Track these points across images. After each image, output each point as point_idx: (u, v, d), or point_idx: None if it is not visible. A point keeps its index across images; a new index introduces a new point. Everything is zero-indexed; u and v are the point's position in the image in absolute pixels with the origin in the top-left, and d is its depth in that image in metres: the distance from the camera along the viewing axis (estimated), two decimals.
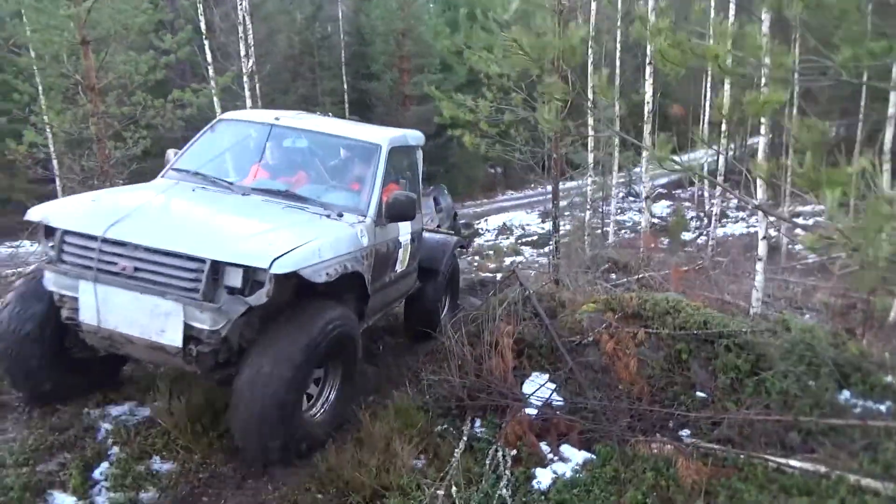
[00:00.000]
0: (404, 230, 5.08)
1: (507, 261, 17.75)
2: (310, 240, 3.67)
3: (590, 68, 12.12)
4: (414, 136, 5.73)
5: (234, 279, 3.40)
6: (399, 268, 5.15)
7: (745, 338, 4.76)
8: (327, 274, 3.68)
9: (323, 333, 3.65)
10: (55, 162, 14.46)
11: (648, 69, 8.43)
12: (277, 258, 3.34)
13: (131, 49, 8.97)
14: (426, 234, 6.20)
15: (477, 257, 20.72)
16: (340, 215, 4.29)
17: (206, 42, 14.24)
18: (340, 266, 3.85)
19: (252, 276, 3.40)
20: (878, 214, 1.37)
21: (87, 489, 3.54)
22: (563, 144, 7.51)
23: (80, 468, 3.63)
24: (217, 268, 3.38)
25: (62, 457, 3.73)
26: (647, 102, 9.54)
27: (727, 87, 10.72)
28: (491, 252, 20.97)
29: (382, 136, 5.01)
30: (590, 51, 12.80)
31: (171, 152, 5.06)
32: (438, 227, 18.89)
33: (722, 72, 1.71)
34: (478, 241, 25.37)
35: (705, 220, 22.67)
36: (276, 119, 5.00)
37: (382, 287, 4.89)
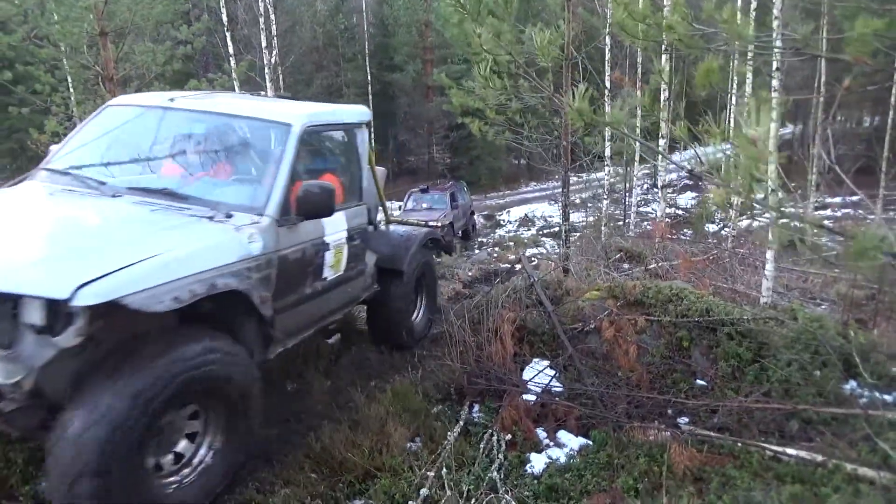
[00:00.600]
0: (334, 228, 4.31)
1: (528, 252, 17.71)
2: (149, 255, 2.88)
3: (607, 55, 11.98)
4: (351, 113, 4.89)
5: (34, 315, 2.61)
6: (330, 273, 4.34)
7: (748, 326, 4.71)
8: (175, 299, 2.85)
9: (168, 377, 2.80)
10: None
11: (664, 57, 8.33)
12: (84, 285, 2.55)
13: (150, 40, 9.13)
14: (389, 228, 5.64)
15: (497, 248, 20.71)
16: (229, 216, 3.53)
17: (227, 34, 14.39)
18: (202, 285, 3.03)
19: (61, 310, 2.58)
20: (747, 155, 1.41)
21: None
22: (574, 133, 7.46)
23: None
24: (14, 302, 2.63)
25: None
26: (663, 90, 9.43)
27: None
28: (511, 243, 20.91)
29: (295, 113, 4.16)
30: (607, 38, 12.65)
31: (54, 148, 4.41)
32: (451, 224, 18.69)
33: (681, 44, 1.70)
34: (499, 231, 25.35)
35: (731, 212, 22.33)
36: (171, 101, 4.29)
37: (302, 300, 4.05)
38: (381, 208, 5.46)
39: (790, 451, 3.81)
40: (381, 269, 5.17)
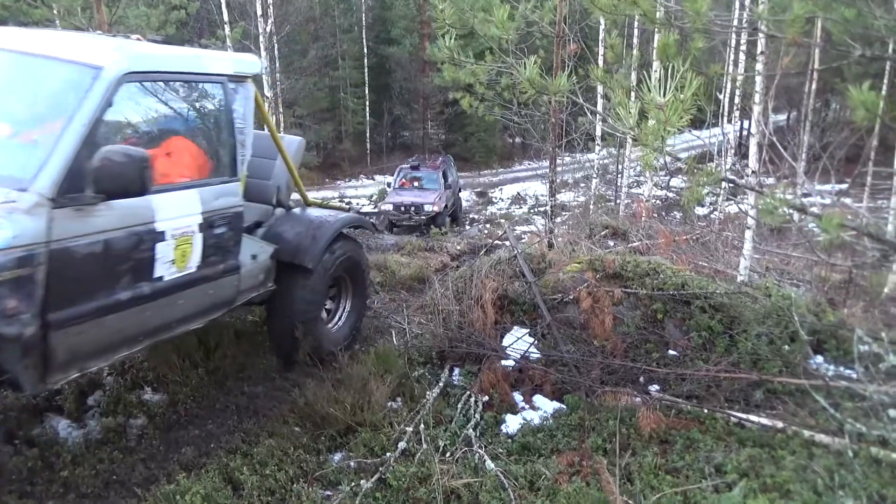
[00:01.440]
0: (175, 211, 3.35)
1: (518, 229, 17.86)
2: None
3: (601, 33, 11.98)
4: (224, 61, 3.83)
5: None
6: (170, 271, 3.34)
7: (722, 300, 4.88)
8: None
9: None
10: None
11: (657, 35, 8.38)
12: None
13: (144, 4, 9.12)
14: (297, 212, 4.71)
15: (488, 225, 20.86)
16: None
17: (222, 0, 14.31)
18: None
19: None
20: (654, 115, 1.57)
21: (82, 413, 3.81)
22: (563, 110, 7.56)
23: (76, 394, 3.89)
24: None
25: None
26: (655, 70, 9.45)
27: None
28: (502, 220, 21.04)
29: (114, 53, 3.16)
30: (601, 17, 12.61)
31: None
32: (446, 207, 17.87)
33: (646, 19, 1.82)
34: (491, 209, 25.45)
35: (721, 195, 22.48)
36: None
37: (110, 309, 3.04)
38: (293, 187, 4.77)
39: (753, 417, 3.99)
40: (281, 264, 4.29)
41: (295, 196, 4.97)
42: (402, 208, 17.18)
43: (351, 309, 5.11)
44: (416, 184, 18.64)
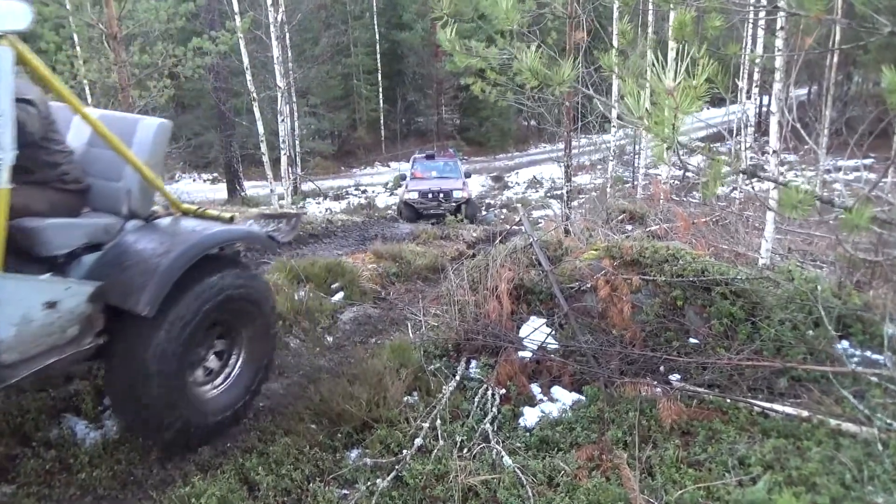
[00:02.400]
0: None
1: (534, 214, 17.71)
2: None
3: (615, 13, 11.75)
4: None
5: None
6: None
7: (743, 286, 4.76)
8: None
9: None
10: None
11: (673, 13, 8.14)
12: None
13: None
14: (160, 225, 3.51)
15: (504, 210, 20.75)
16: None
17: None
18: None
19: None
20: (663, 101, 1.49)
21: (99, 414, 3.80)
22: (575, 94, 7.41)
23: (93, 395, 3.89)
24: None
25: (76, 384, 3.99)
26: (672, 49, 9.28)
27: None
28: (518, 205, 20.92)
29: None
30: None
31: None
32: (470, 197, 16.60)
33: (662, 0, 1.73)
34: (507, 193, 25.30)
35: (741, 175, 22.11)
36: None
37: None
38: (151, 189, 3.50)
39: (777, 407, 3.90)
40: (110, 308, 3.08)
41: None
42: (430, 195, 16.16)
43: (245, 364, 3.72)
44: (433, 174, 17.75)
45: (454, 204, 16.04)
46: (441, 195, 16.17)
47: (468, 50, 6.33)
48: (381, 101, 32.89)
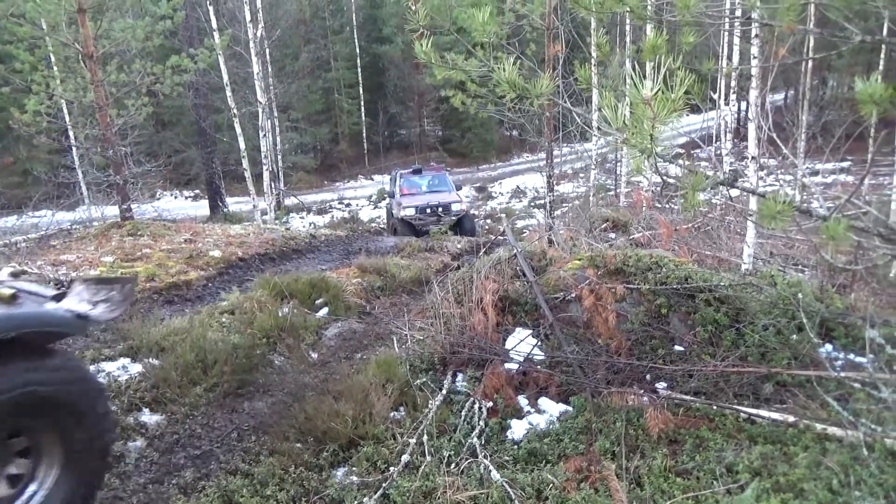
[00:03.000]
0: None
1: (519, 223, 17.77)
2: None
3: (593, 24, 11.86)
4: None
5: None
6: None
7: (726, 292, 4.79)
8: None
9: None
10: (71, 132, 14.70)
11: (649, 25, 8.24)
12: None
13: (130, 16, 9.01)
14: None
15: (489, 220, 20.79)
16: None
17: (210, 7, 14.21)
18: None
19: None
20: (640, 112, 1.49)
21: None
22: (555, 105, 7.44)
23: None
24: None
25: None
26: (650, 59, 9.33)
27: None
28: (503, 215, 20.97)
29: None
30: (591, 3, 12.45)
31: None
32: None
33: (633, 15, 1.73)
34: (491, 203, 25.37)
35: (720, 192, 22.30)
36: None
37: None
38: None
39: (764, 413, 3.90)
40: None
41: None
42: (429, 210, 15.18)
43: (56, 487, 2.73)
44: (423, 188, 16.84)
45: (454, 218, 15.19)
46: (440, 209, 15.25)
47: (447, 62, 6.36)
48: (362, 115, 32.92)
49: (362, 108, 32.84)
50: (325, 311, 6.22)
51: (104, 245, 7.98)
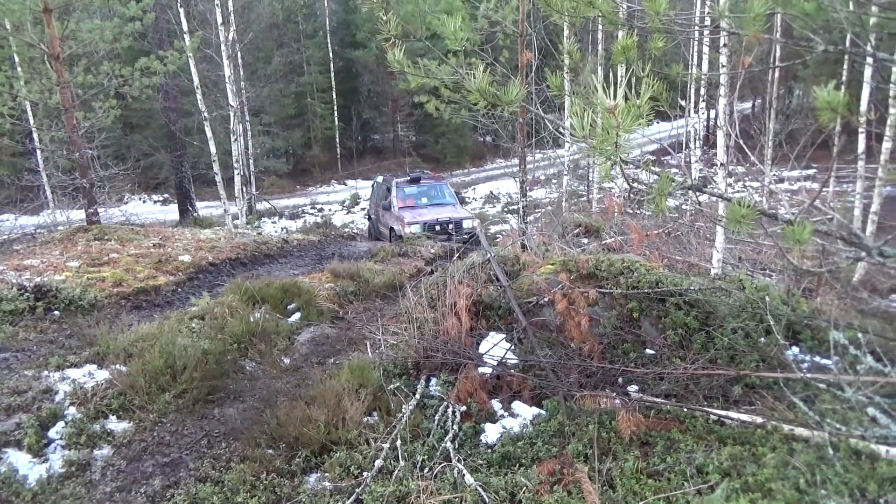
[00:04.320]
0: None
1: (493, 229, 17.82)
2: None
3: (565, 31, 11.99)
4: None
5: None
6: None
7: (696, 296, 4.86)
8: None
9: None
10: (35, 134, 14.36)
11: (621, 32, 8.34)
12: None
13: (98, 17, 8.86)
14: None
15: None
16: None
17: (181, 9, 14.03)
18: None
19: None
20: (605, 119, 1.52)
21: (43, 447, 3.64)
22: (528, 111, 7.50)
23: (36, 427, 3.72)
24: None
25: (18, 417, 3.81)
26: (622, 65, 9.47)
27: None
28: (476, 221, 21.00)
29: None
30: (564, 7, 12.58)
31: None
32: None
33: (605, 21, 1.76)
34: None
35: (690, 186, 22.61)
36: None
37: None
38: None
39: (733, 414, 3.96)
40: None
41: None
42: (438, 227, 13.26)
43: None
44: (424, 200, 14.69)
45: (466, 236, 12.86)
46: (451, 226, 13.27)
47: (420, 69, 6.36)
48: (335, 119, 32.75)
49: (335, 113, 32.67)
50: (297, 316, 6.16)
51: (70, 250, 7.81)
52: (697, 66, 13.72)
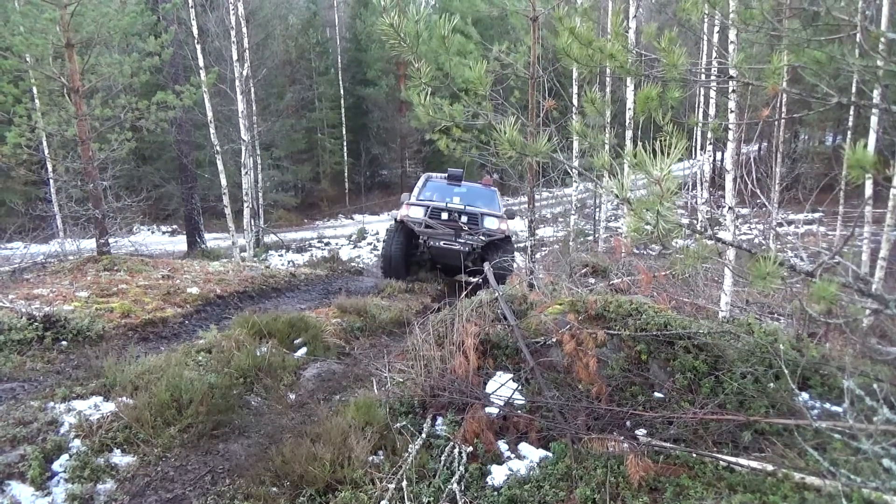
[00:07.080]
0: None
1: None
2: None
3: (574, 73, 12.18)
4: None
5: None
6: None
7: (705, 339, 4.84)
8: None
9: None
10: (49, 164, 14.59)
11: (631, 85, 8.51)
12: None
13: (117, 52, 9.08)
14: None
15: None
16: None
17: (198, 46, 14.35)
18: None
19: None
20: (653, 193, 1.53)
21: (46, 480, 3.61)
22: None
23: (40, 460, 3.70)
24: None
25: (23, 449, 3.79)
26: (630, 108, 9.65)
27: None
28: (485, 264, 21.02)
29: None
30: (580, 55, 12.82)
31: None
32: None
33: (622, 70, 1.80)
34: None
35: (697, 227, 22.68)
36: None
37: None
38: None
39: (742, 461, 3.91)
40: None
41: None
42: (444, 216, 10.91)
43: None
44: (456, 200, 11.86)
45: (483, 239, 10.40)
46: (463, 217, 10.66)
47: (443, 111, 6.49)
48: (345, 155, 33.15)
49: (345, 148, 33.09)
50: (303, 350, 6.15)
51: (79, 279, 7.86)
52: (704, 110, 13.89)
